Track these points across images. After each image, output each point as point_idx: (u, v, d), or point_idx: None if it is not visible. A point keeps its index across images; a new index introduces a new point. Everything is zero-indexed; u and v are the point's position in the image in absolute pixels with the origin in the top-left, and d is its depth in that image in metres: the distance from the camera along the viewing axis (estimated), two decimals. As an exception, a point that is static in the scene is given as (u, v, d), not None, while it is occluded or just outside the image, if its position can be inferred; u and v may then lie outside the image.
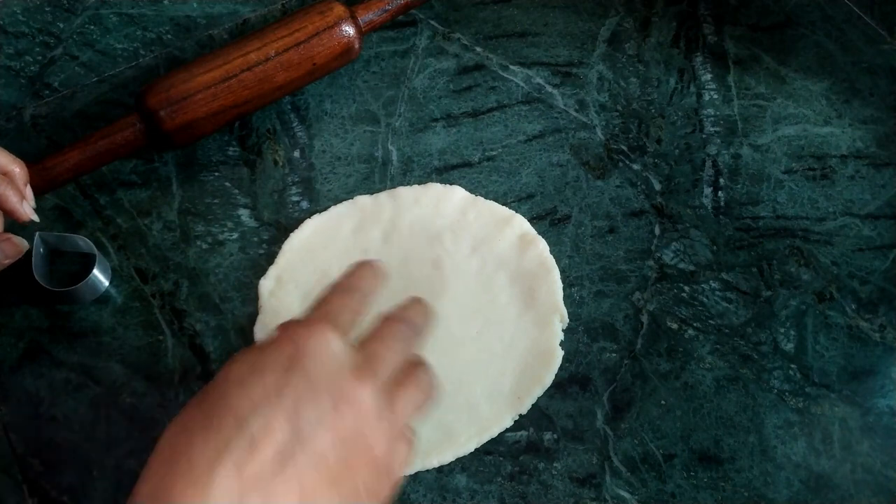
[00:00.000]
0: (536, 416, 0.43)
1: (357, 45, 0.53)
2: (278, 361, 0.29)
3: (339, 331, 0.31)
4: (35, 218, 0.41)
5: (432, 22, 0.60)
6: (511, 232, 0.49)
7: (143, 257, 0.48)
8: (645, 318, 0.46)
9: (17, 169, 0.41)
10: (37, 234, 0.45)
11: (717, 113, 0.55)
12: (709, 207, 0.51)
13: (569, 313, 0.46)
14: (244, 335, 0.46)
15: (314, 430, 0.27)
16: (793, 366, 0.45)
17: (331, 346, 0.30)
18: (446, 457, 0.41)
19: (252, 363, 0.29)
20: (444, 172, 0.52)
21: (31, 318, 0.46)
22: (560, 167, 0.53)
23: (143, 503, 0.26)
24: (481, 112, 0.55)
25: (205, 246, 0.49)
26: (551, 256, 0.48)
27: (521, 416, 0.43)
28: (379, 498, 0.29)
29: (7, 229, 0.43)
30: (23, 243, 0.42)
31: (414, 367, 0.33)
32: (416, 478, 0.41)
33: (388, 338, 0.33)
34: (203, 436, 0.27)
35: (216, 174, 0.52)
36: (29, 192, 0.42)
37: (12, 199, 0.40)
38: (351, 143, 0.54)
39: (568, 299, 0.47)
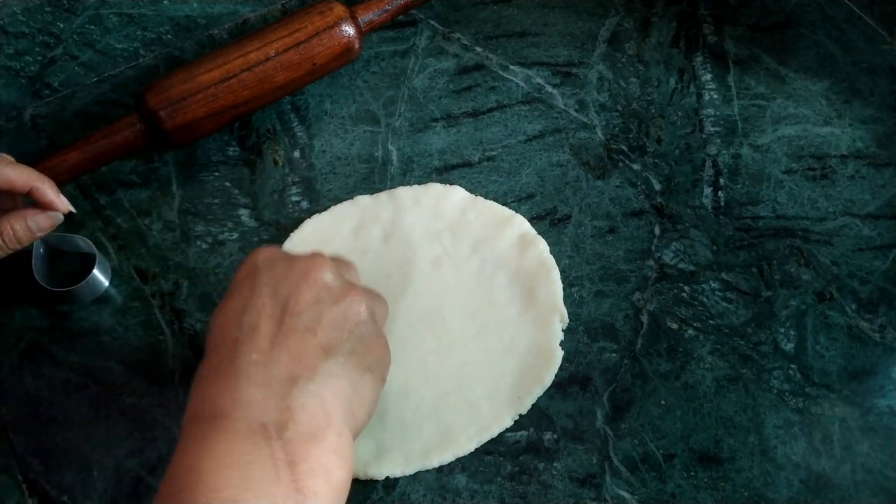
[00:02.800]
0: (536, 416, 0.43)
1: (357, 45, 0.53)
2: (242, 278, 0.34)
3: (278, 248, 0.37)
4: (72, 209, 0.43)
5: (432, 22, 0.60)
6: (511, 232, 0.49)
7: (143, 257, 0.48)
8: (645, 318, 0.46)
9: (46, 183, 0.42)
10: None
11: (717, 113, 0.55)
12: (709, 207, 0.51)
13: (569, 313, 0.46)
14: (244, 335, 0.46)
15: (295, 295, 0.32)
16: (793, 366, 0.45)
17: (275, 251, 0.36)
18: (446, 457, 0.41)
19: (225, 298, 0.34)
20: (444, 172, 0.52)
21: (31, 318, 0.46)
22: (560, 167, 0.53)
23: (189, 420, 0.30)
24: (481, 112, 0.55)
25: (205, 246, 0.49)
26: (551, 256, 0.48)
27: (521, 416, 0.43)
28: (380, 335, 0.35)
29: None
30: (57, 217, 0.42)
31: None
32: (416, 478, 0.41)
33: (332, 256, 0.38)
34: (217, 354, 0.31)
35: (216, 174, 0.52)
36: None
37: (50, 193, 0.41)
38: (351, 143, 0.54)
39: (568, 299, 0.47)
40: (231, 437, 0.28)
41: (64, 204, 0.42)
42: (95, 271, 0.45)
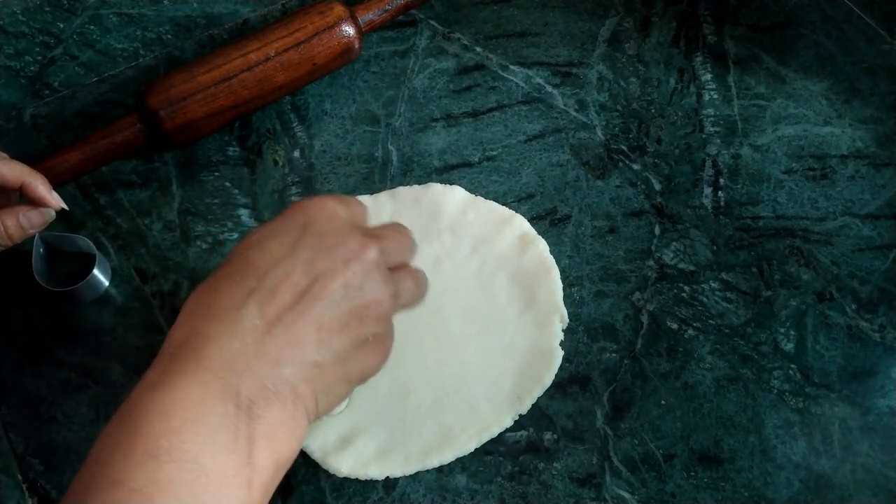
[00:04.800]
0: (536, 416, 0.43)
1: (357, 45, 0.53)
2: (292, 226, 0.33)
3: (342, 204, 0.35)
4: (64, 205, 0.42)
5: (432, 22, 0.60)
6: (511, 232, 0.49)
7: (143, 257, 0.48)
8: (645, 318, 0.46)
9: (38, 178, 0.42)
10: (37, 233, 0.45)
11: (717, 113, 0.55)
12: (709, 207, 0.51)
13: (569, 313, 0.46)
14: (244, 335, 0.46)
15: (327, 278, 0.31)
16: (793, 366, 0.45)
17: (337, 211, 0.34)
18: (446, 457, 0.41)
19: (269, 230, 0.33)
20: (444, 172, 0.52)
21: (31, 318, 0.46)
22: (560, 167, 0.53)
23: (176, 347, 0.30)
24: (481, 112, 0.55)
25: (205, 246, 0.49)
26: (551, 256, 0.48)
27: (521, 416, 0.43)
28: (384, 348, 0.34)
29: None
30: (49, 213, 0.42)
31: (410, 267, 0.36)
32: (416, 478, 0.41)
33: (394, 232, 0.36)
34: (228, 290, 0.31)
35: (216, 174, 0.52)
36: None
37: (41, 189, 0.41)
38: (351, 143, 0.54)
39: (568, 299, 0.47)
40: (206, 392, 0.28)
41: (56, 200, 0.42)
42: (95, 271, 0.45)
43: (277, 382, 0.29)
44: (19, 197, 0.42)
